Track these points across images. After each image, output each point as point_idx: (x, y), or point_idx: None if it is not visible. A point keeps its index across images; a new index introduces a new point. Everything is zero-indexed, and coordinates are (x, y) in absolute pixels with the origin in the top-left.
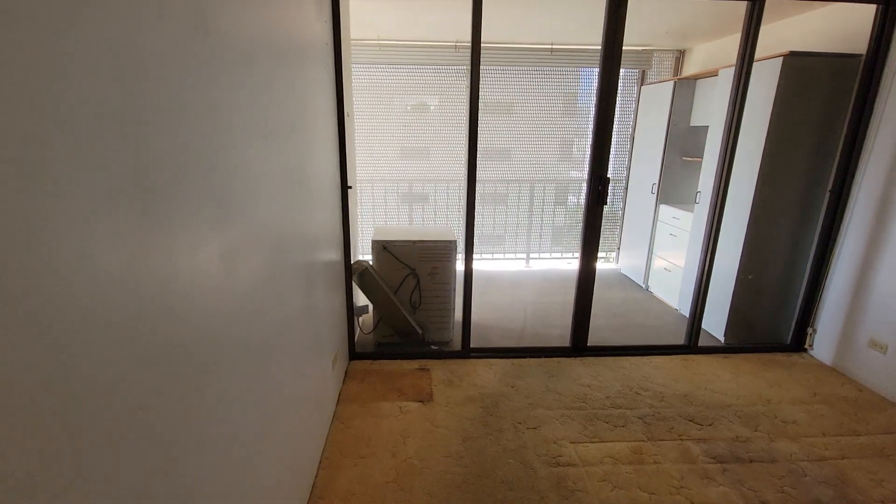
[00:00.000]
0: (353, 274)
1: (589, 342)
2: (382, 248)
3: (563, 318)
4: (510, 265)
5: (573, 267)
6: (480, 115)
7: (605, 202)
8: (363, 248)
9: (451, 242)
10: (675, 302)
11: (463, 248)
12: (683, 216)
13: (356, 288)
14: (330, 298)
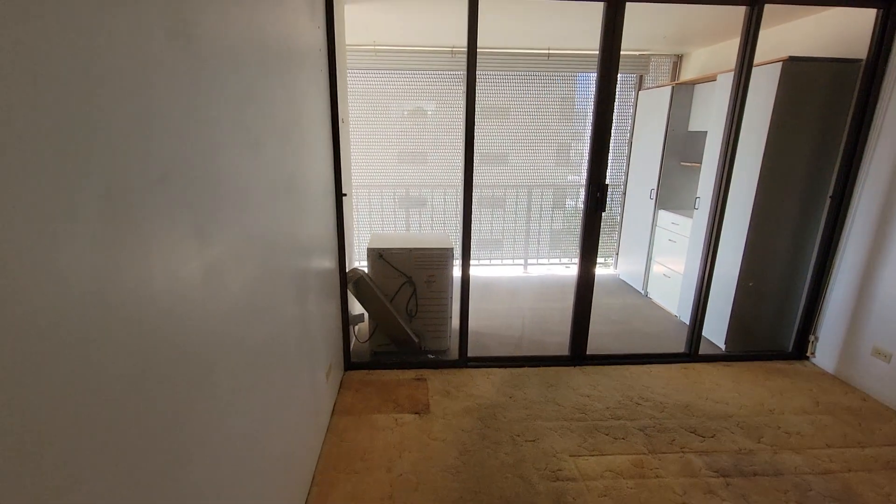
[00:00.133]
0: (348, 282)
1: (588, 350)
2: (378, 255)
3: (561, 324)
4: (508, 271)
5: (571, 272)
6: (477, 119)
7: (603, 209)
8: (360, 254)
9: (447, 250)
10: (674, 308)
11: (460, 254)
12: (682, 222)
13: (351, 296)
14: (324, 308)
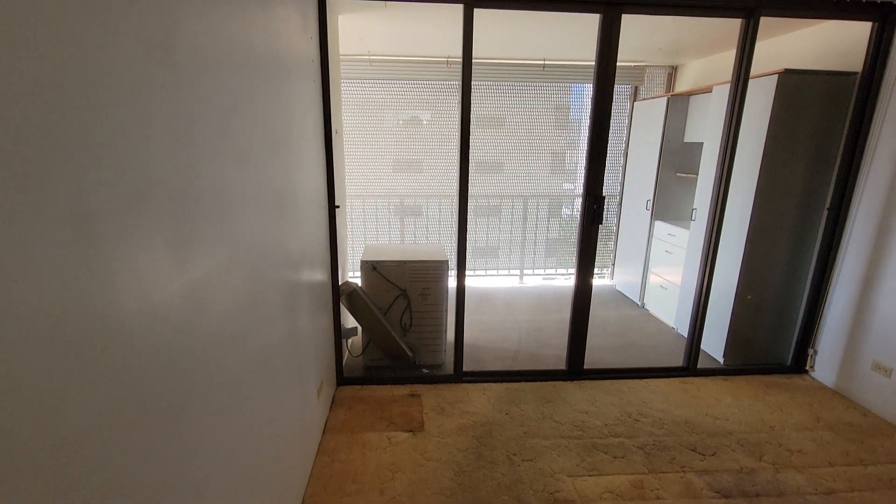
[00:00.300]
0: (340, 296)
1: (585, 364)
2: (372, 268)
3: (558, 336)
4: (504, 282)
5: (567, 283)
6: (472, 128)
7: (600, 221)
8: (354, 265)
9: (442, 262)
10: (671, 320)
11: (455, 265)
12: (679, 233)
13: (344, 310)
14: (316, 322)
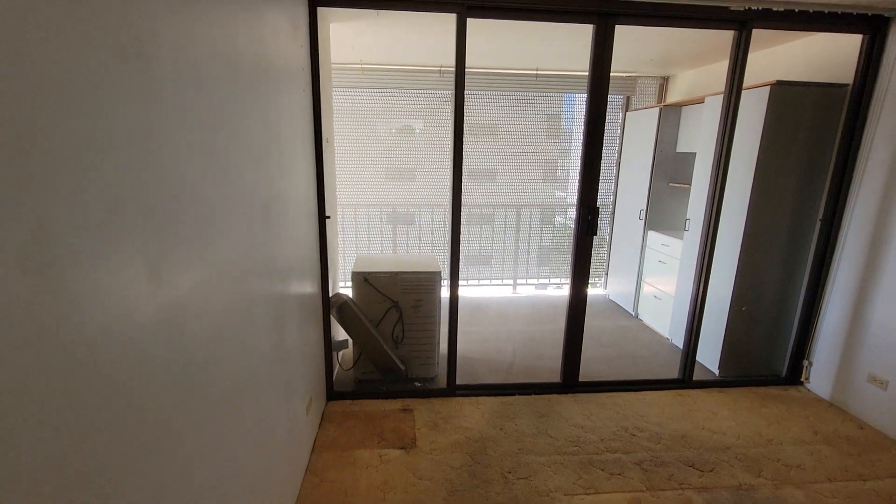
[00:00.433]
0: (331, 308)
1: (580, 376)
2: (363, 279)
3: (552, 348)
4: (497, 291)
5: (561, 292)
6: (465, 137)
7: (594, 232)
8: (345, 275)
9: (435, 273)
10: (665, 331)
11: (448, 276)
12: (672, 243)
13: (335, 322)
14: (305, 335)
